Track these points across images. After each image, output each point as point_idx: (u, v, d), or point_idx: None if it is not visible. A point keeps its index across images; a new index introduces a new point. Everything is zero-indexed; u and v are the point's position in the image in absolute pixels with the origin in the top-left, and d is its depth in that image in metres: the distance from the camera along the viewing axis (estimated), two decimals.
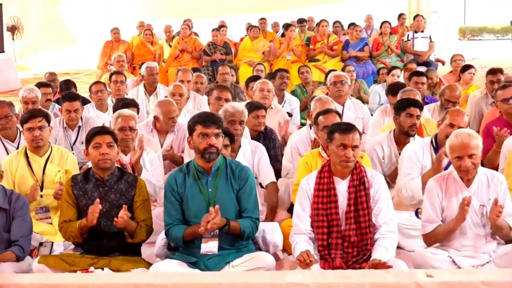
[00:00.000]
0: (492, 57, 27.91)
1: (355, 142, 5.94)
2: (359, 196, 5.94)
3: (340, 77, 10.55)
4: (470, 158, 5.86)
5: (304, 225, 5.99)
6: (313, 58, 17.66)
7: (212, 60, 17.36)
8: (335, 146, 5.95)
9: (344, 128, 6.03)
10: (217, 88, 9.71)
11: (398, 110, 7.81)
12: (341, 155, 5.91)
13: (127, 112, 7.73)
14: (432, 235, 6.08)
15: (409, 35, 17.96)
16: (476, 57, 27.02)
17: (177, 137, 8.84)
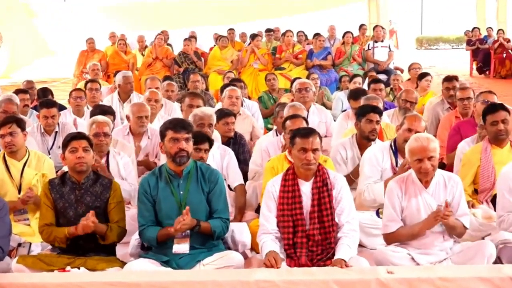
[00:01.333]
0: (447, 65, 28.13)
1: (315, 145, 5.98)
2: (322, 197, 5.96)
3: (304, 84, 10.61)
4: (429, 160, 5.90)
5: (270, 225, 6.00)
6: (279, 66, 17.68)
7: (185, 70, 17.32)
8: (296, 150, 5.99)
9: (304, 132, 6.07)
10: (189, 95, 9.70)
11: (359, 116, 7.85)
12: (302, 159, 5.95)
13: (101, 118, 7.72)
14: (394, 236, 6.10)
15: (369, 45, 18.03)
16: (432, 65, 27.21)
17: (151, 142, 8.84)
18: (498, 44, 23.93)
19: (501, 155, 7.17)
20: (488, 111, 7.34)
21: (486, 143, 7.36)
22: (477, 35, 25.45)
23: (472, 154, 7.42)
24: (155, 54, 18.02)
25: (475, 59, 25.23)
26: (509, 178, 6.41)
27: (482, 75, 24.79)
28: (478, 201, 7.28)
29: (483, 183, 7.29)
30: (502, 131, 7.20)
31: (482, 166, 7.27)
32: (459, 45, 37.23)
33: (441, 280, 5.37)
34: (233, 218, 7.33)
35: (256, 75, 17.05)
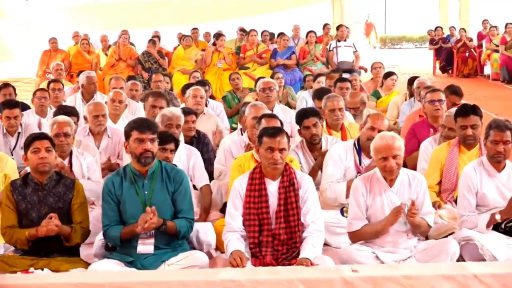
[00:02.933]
0: (411, 65, 28.31)
1: (282, 145, 5.99)
2: (288, 197, 5.98)
3: (268, 83, 10.61)
4: (394, 158, 5.94)
5: (236, 223, 6.01)
6: (243, 66, 17.68)
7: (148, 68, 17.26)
8: (263, 149, 6.00)
9: (271, 132, 6.08)
10: (152, 95, 9.66)
11: (298, 124, 7.90)
12: (269, 158, 5.96)
13: (62, 118, 7.66)
14: (359, 234, 6.14)
15: (331, 44, 18.08)
16: (396, 64, 27.36)
17: (112, 142, 8.79)
18: (460, 43, 24.14)
19: (469, 157, 7.17)
20: (459, 114, 7.32)
21: (454, 143, 7.38)
22: (440, 34, 25.64)
23: (440, 151, 7.46)
24: (119, 54, 17.93)
25: (438, 58, 25.42)
26: (469, 177, 6.48)
27: (445, 74, 25.00)
28: (442, 200, 7.33)
29: (445, 184, 7.34)
30: (470, 137, 7.22)
31: (446, 167, 7.32)
32: (422, 44, 37.47)
33: (405, 278, 5.40)
34: (198, 218, 7.32)
35: (220, 74, 17.04)
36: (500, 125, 6.38)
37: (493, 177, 6.48)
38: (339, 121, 8.69)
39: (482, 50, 23.90)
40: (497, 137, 6.34)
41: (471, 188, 6.45)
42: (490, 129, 6.43)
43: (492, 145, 6.38)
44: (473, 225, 6.36)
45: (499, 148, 6.35)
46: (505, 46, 22.28)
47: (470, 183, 6.45)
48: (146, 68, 17.24)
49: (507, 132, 6.35)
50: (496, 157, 6.41)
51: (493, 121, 6.52)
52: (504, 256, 6.01)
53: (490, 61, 23.32)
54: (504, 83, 22.16)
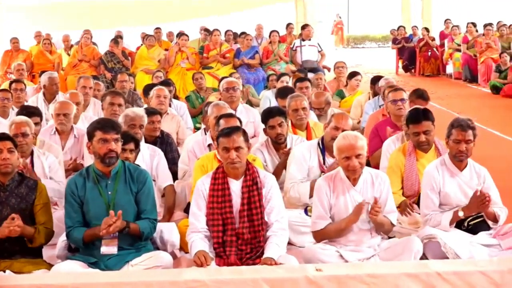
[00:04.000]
0: (374, 64, 28.47)
1: (237, 143, 5.99)
2: (252, 196, 5.99)
3: (232, 83, 10.63)
4: (357, 158, 5.96)
5: (200, 223, 6.01)
6: (206, 65, 17.68)
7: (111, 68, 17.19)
8: (220, 149, 6.03)
9: (226, 132, 6.10)
10: (110, 94, 9.63)
11: (264, 124, 7.93)
12: (226, 157, 5.99)
13: (19, 119, 7.58)
14: (323, 232, 6.16)
15: (295, 43, 18.14)
16: (359, 63, 27.50)
17: (78, 142, 8.74)
18: (423, 42, 24.31)
19: (427, 160, 7.16)
20: (411, 121, 7.32)
21: (410, 148, 7.37)
22: (402, 33, 25.83)
23: (397, 159, 7.44)
24: (81, 54, 17.84)
25: (400, 58, 25.62)
26: (431, 177, 6.53)
27: (408, 73, 25.20)
28: None
29: (407, 191, 7.34)
30: (423, 143, 7.22)
31: (406, 174, 7.32)
32: (385, 44, 37.70)
33: (369, 276, 5.43)
34: (162, 218, 7.31)
35: (183, 74, 17.04)
36: (463, 124, 6.43)
37: (455, 176, 6.53)
38: (303, 120, 8.71)
39: (444, 49, 24.12)
40: (460, 136, 6.39)
41: (434, 187, 6.50)
42: (452, 128, 6.47)
43: (454, 144, 6.43)
44: (436, 223, 6.41)
45: (461, 147, 6.40)
46: (467, 45, 22.51)
47: (433, 182, 6.50)
48: (109, 68, 17.17)
49: (469, 131, 6.40)
50: (458, 156, 6.46)
51: (455, 120, 6.56)
52: (466, 254, 6.07)
53: (452, 60, 23.55)
54: (466, 82, 22.37)
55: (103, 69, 17.24)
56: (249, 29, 19.94)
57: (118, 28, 22.20)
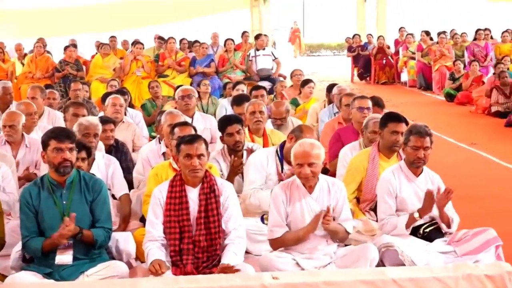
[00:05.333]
0: (329, 72, 28.64)
1: (200, 151, 5.99)
2: (209, 203, 5.99)
3: (187, 91, 10.62)
4: (309, 166, 5.98)
5: (157, 232, 5.99)
6: (162, 74, 17.65)
7: (63, 76, 17.09)
8: (182, 156, 6.00)
9: (188, 139, 6.08)
10: (73, 105, 9.55)
11: (221, 131, 7.91)
12: (188, 165, 5.96)
13: None
14: (280, 241, 6.16)
15: (250, 53, 18.18)
16: (315, 71, 27.62)
17: (30, 151, 8.65)
18: (377, 50, 24.50)
19: (389, 165, 7.16)
20: (392, 120, 7.35)
21: (374, 152, 7.41)
22: (357, 41, 26.02)
23: (359, 161, 7.48)
24: (35, 64, 17.69)
25: (356, 66, 25.82)
26: (388, 182, 6.57)
27: (363, 81, 25.37)
28: (360, 210, 7.40)
29: (366, 194, 7.38)
30: (399, 143, 7.23)
31: (367, 177, 7.35)
32: (341, 52, 37.94)
33: (325, 284, 5.44)
34: (118, 227, 7.27)
35: (139, 82, 17.01)
36: (421, 131, 6.47)
37: (411, 182, 6.58)
38: (260, 124, 8.72)
39: (399, 57, 24.34)
40: (418, 143, 6.44)
41: (391, 192, 6.55)
42: (410, 135, 6.51)
43: (412, 151, 6.47)
44: (392, 227, 6.45)
45: (419, 154, 6.45)
46: (421, 53, 22.75)
47: (390, 187, 6.55)
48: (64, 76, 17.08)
49: (427, 138, 6.46)
50: (416, 163, 6.51)
51: (412, 126, 6.61)
52: (423, 261, 6.11)
53: (406, 68, 23.82)
54: (420, 90, 22.63)
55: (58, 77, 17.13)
56: (204, 37, 19.94)
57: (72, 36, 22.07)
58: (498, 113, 16.55)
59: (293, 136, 7.28)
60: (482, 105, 17.46)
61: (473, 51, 21.47)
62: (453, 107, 19.04)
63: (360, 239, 6.83)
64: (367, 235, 6.96)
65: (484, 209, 9.16)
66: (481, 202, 9.46)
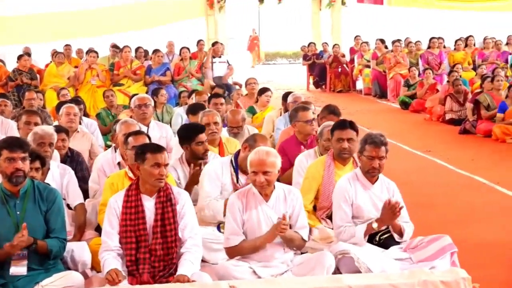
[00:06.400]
0: (285, 80, 28.72)
1: (167, 160, 6.01)
2: (166, 212, 5.98)
3: (143, 100, 10.55)
4: (264, 174, 5.99)
5: (112, 241, 5.95)
6: (117, 82, 17.58)
7: (17, 85, 16.95)
8: (149, 166, 5.95)
9: (156, 148, 6.08)
10: (25, 113, 9.48)
11: (187, 140, 7.85)
12: (156, 174, 5.94)
13: None
14: (236, 249, 6.16)
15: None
16: (270, 80, 27.69)
17: None
18: (332, 58, 24.63)
19: (344, 172, 7.20)
20: (337, 127, 7.39)
21: (330, 159, 7.42)
22: (313, 50, 26.11)
23: (316, 169, 7.49)
24: None
25: (311, 74, 25.92)
26: (344, 189, 6.60)
27: (319, 89, 25.49)
28: (317, 217, 7.40)
29: (323, 201, 7.37)
30: (345, 150, 7.27)
31: (324, 185, 7.36)
32: (296, 60, 38.07)
33: None
34: (73, 237, 7.21)
35: (93, 91, 16.94)
36: (376, 141, 6.50)
37: (367, 190, 6.61)
38: (215, 135, 8.71)
39: (354, 66, 24.48)
40: (373, 153, 6.46)
41: (347, 199, 6.56)
42: (366, 144, 6.54)
43: (368, 160, 6.51)
44: (350, 235, 6.46)
45: (374, 163, 6.48)
46: (376, 61, 22.90)
47: (346, 194, 6.57)
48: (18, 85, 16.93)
49: (382, 147, 6.49)
50: (371, 172, 6.55)
51: (368, 136, 6.63)
52: (378, 268, 6.14)
53: (362, 76, 23.98)
54: (375, 98, 22.79)
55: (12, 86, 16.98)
56: (160, 46, 19.89)
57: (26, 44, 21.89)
58: (452, 120, 16.73)
59: (247, 145, 7.27)
60: (437, 113, 17.63)
61: (427, 59, 21.66)
62: (408, 115, 19.20)
63: (317, 246, 6.84)
64: (323, 243, 6.97)
65: (439, 216, 9.24)
66: (436, 209, 9.54)
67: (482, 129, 15.04)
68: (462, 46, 22.41)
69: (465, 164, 12.29)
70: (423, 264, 6.23)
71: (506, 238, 8.19)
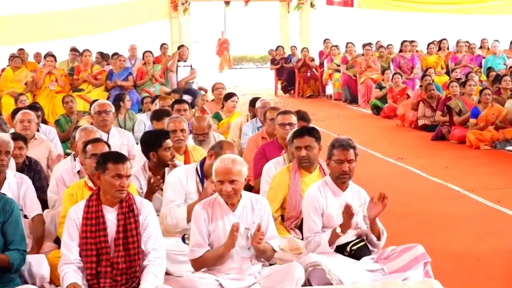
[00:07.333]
0: (252, 85, 28.73)
1: (129, 171, 5.99)
2: (128, 223, 5.94)
3: (104, 106, 10.50)
4: (231, 183, 5.98)
5: (72, 254, 5.90)
6: (77, 88, 17.49)
7: None
8: (109, 176, 5.92)
9: (117, 158, 6.04)
10: None
11: (154, 147, 7.83)
12: (117, 185, 5.91)
13: None
14: (201, 260, 6.13)
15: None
16: (237, 85, 27.69)
17: None
18: (301, 62, 24.66)
19: (311, 180, 7.24)
20: (295, 135, 7.42)
21: (295, 168, 7.43)
22: (281, 54, 26.13)
23: (281, 178, 7.50)
24: None
25: (279, 79, 25.90)
26: (314, 198, 6.60)
27: (287, 95, 25.48)
28: (285, 228, 7.41)
29: (290, 211, 7.38)
30: (303, 158, 7.30)
31: (290, 194, 7.37)
32: (264, 64, 38.12)
33: None
34: (30, 249, 7.15)
35: (52, 97, 16.86)
36: (344, 144, 6.53)
37: (338, 197, 6.62)
38: (182, 143, 8.67)
39: (324, 70, 24.52)
40: (342, 156, 6.48)
41: (317, 209, 6.56)
42: (333, 149, 6.56)
43: (337, 164, 6.52)
44: (316, 244, 6.47)
45: (344, 167, 6.49)
46: (346, 65, 22.98)
47: (316, 203, 6.57)
48: None
49: (351, 150, 6.51)
50: (341, 177, 6.56)
51: (335, 140, 6.65)
52: (350, 280, 6.14)
53: (332, 81, 24.01)
54: (346, 103, 22.84)
55: None
56: (122, 50, 19.84)
57: None
58: (425, 126, 16.82)
59: (213, 152, 7.24)
60: (409, 119, 17.70)
61: (399, 63, 21.76)
62: (379, 121, 19.28)
63: (286, 258, 6.83)
64: (292, 254, 6.97)
65: (411, 224, 9.28)
66: (408, 218, 9.58)
67: (456, 135, 15.16)
68: (435, 49, 22.57)
69: (439, 171, 12.37)
70: (395, 275, 6.25)
71: (481, 247, 8.25)
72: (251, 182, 8.65)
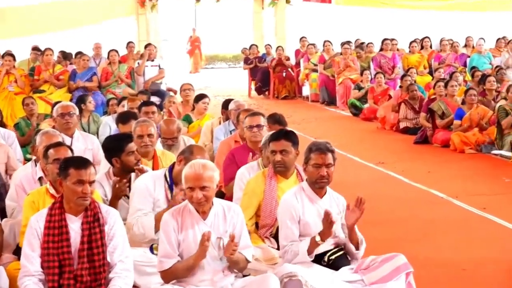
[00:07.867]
0: (224, 86, 28.72)
1: (92, 177, 5.95)
2: (93, 233, 5.91)
3: (67, 108, 10.45)
4: (202, 190, 5.94)
5: (33, 266, 5.87)
6: (38, 89, 17.42)
7: None
8: (71, 182, 5.89)
9: (79, 163, 6.01)
10: None
11: (117, 152, 7.79)
12: (79, 192, 5.88)
13: None
14: (171, 272, 6.09)
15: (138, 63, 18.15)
16: (208, 85, 27.67)
17: None
18: (276, 62, 24.65)
19: (287, 186, 7.23)
20: (271, 138, 7.41)
21: (271, 173, 7.42)
22: (255, 53, 26.10)
23: (256, 184, 7.48)
24: None
25: (253, 79, 25.83)
26: (290, 205, 6.59)
27: (262, 96, 25.46)
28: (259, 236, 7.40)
29: (265, 218, 7.35)
30: (278, 162, 7.28)
31: (265, 200, 7.34)
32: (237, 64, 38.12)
33: None
34: None
35: (11, 99, 16.77)
36: (321, 147, 6.53)
37: (315, 203, 6.61)
38: (149, 148, 8.61)
39: (300, 70, 24.51)
40: (319, 160, 6.49)
41: (294, 216, 6.56)
42: (311, 153, 6.55)
43: (314, 169, 6.52)
44: (294, 254, 6.45)
45: (322, 171, 6.49)
46: (324, 65, 22.95)
47: (293, 210, 6.56)
48: None
49: (329, 154, 6.52)
50: (319, 182, 6.56)
51: (312, 144, 6.65)
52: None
53: (308, 82, 24.01)
54: (323, 105, 22.84)
55: None
56: (85, 48, 19.78)
57: None
58: (407, 129, 16.88)
59: (183, 157, 7.19)
60: (390, 121, 17.74)
61: (380, 63, 21.81)
62: (359, 123, 19.31)
63: (260, 268, 6.82)
64: (267, 264, 6.96)
65: (393, 233, 9.31)
66: (389, 226, 9.62)
67: (439, 139, 15.22)
68: (417, 48, 22.64)
69: (421, 176, 12.42)
70: (376, 286, 6.28)
71: (466, 256, 8.30)
72: (222, 189, 8.64)
